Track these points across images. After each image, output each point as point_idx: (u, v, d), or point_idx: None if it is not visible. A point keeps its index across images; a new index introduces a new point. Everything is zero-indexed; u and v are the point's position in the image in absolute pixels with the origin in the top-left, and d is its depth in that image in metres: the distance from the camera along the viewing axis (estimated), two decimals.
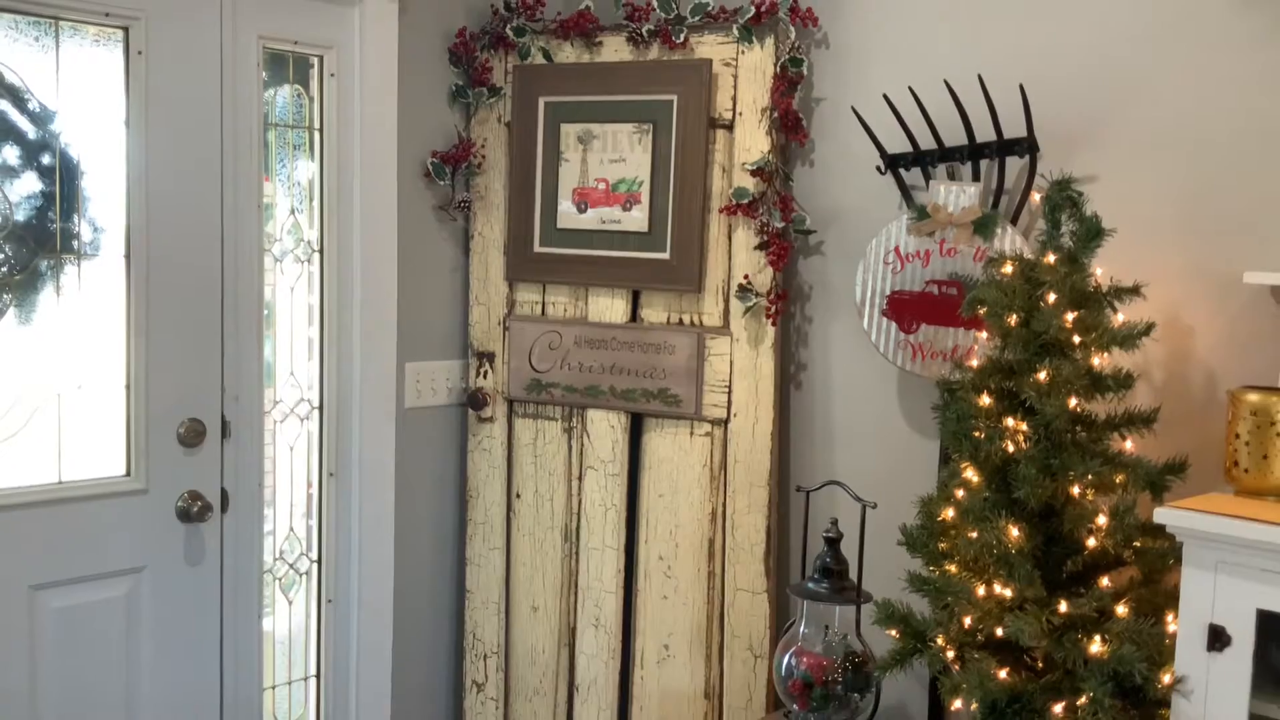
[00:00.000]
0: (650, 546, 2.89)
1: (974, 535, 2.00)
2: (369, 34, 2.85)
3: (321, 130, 2.85)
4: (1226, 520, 1.74)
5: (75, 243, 2.45)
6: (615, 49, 2.91)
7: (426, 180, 3.01)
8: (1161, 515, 1.81)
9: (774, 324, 2.72)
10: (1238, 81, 2.16)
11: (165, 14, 2.49)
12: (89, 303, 2.47)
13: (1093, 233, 2.01)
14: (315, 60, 2.83)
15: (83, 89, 2.42)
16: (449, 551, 3.15)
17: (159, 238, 2.53)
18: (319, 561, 2.93)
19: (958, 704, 1.95)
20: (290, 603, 2.91)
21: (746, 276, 2.73)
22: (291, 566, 2.90)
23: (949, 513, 2.08)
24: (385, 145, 2.92)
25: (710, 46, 2.78)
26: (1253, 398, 1.88)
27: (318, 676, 2.96)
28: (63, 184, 2.42)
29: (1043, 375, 1.97)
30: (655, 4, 2.82)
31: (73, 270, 2.45)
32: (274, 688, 2.88)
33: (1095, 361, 2.00)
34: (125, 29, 2.45)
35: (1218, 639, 1.76)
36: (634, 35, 2.86)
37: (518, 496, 3.06)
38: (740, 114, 2.75)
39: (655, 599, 2.89)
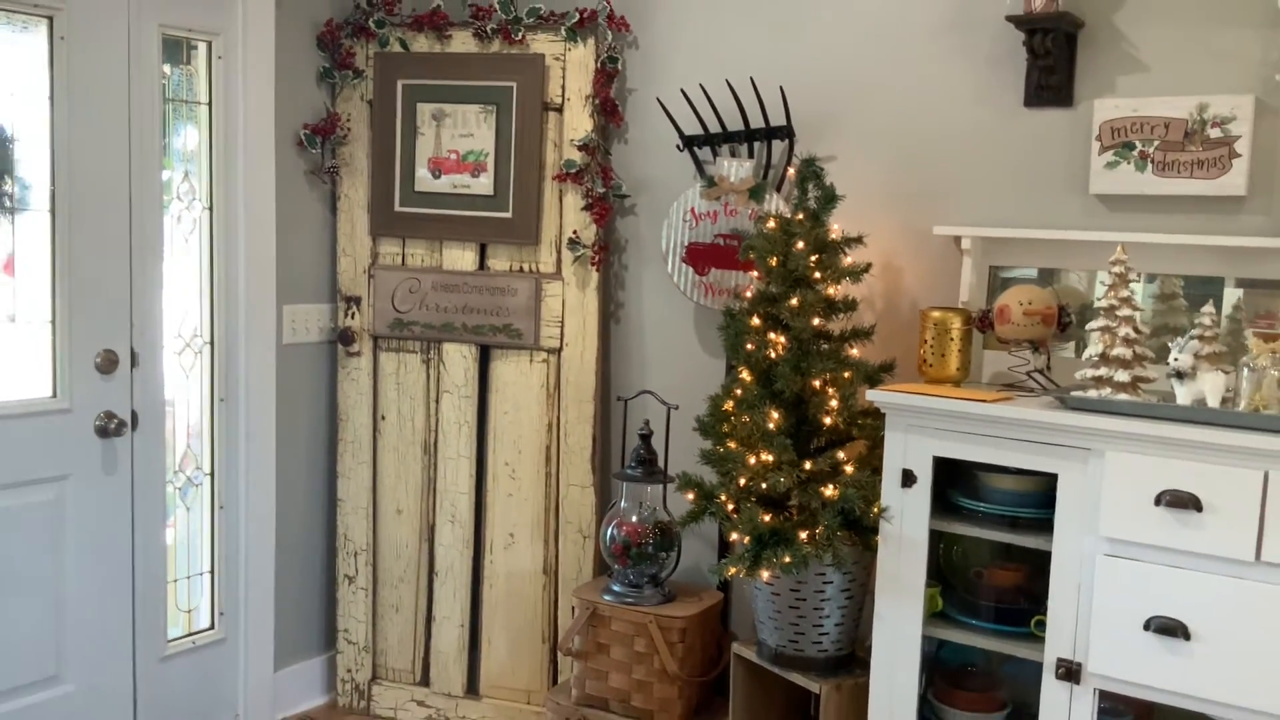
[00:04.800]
0: (498, 454, 3.52)
1: (746, 419, 2.72)
2: (250, 23, 3.34)
3: (210, 104, 3.32)
4: (911, 396, 2.51)
5: (7, 200, 2.87)
6: (462, 42, 3.49)
7: (299, 149, 3.52)
8: (871, 395, 2.57)
9: (598, 270, 3.38)
10: (933, 89, 2.93)
11: (82, 5, 2.92)
12: (19, 249, 2.90)
13: (829, 197, 2.75)
14: (204, 45, 3.29)
15: (12, 68, 2.84)
16: (322, 466, 3.69)
17: (77, 195, 2.97)
18: (212, 474, 3.43)
19: (735, 536, 2.67)
20: (188, 509, 3.40)
21: (575, 232, 3.38)
22: (189, 478, 3.39)
23: (730, 404, 2.79)
24: (264, 118, 3.41)
25: (543, 43, 3.40)
26: (935, 314, 2.66)
27: (212, 572, 3.46)
28: None
29: (795, 301, 2.70)
30: (497, 6, 3.41)
31: (6, 222, 2.88)
32: (175, 581, 3.37)
33: (831, 291, 2.74)
34: (50, 17, 2.88)
35: (908, 479, 2.54)
36: (479, 31, 3.45)
37: (383, 418, 3.63)
38: (568, 100, 3.38)
39: (502, 497, 3.52)
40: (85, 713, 3.09)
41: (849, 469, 2.67)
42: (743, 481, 2.71)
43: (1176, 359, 2.28)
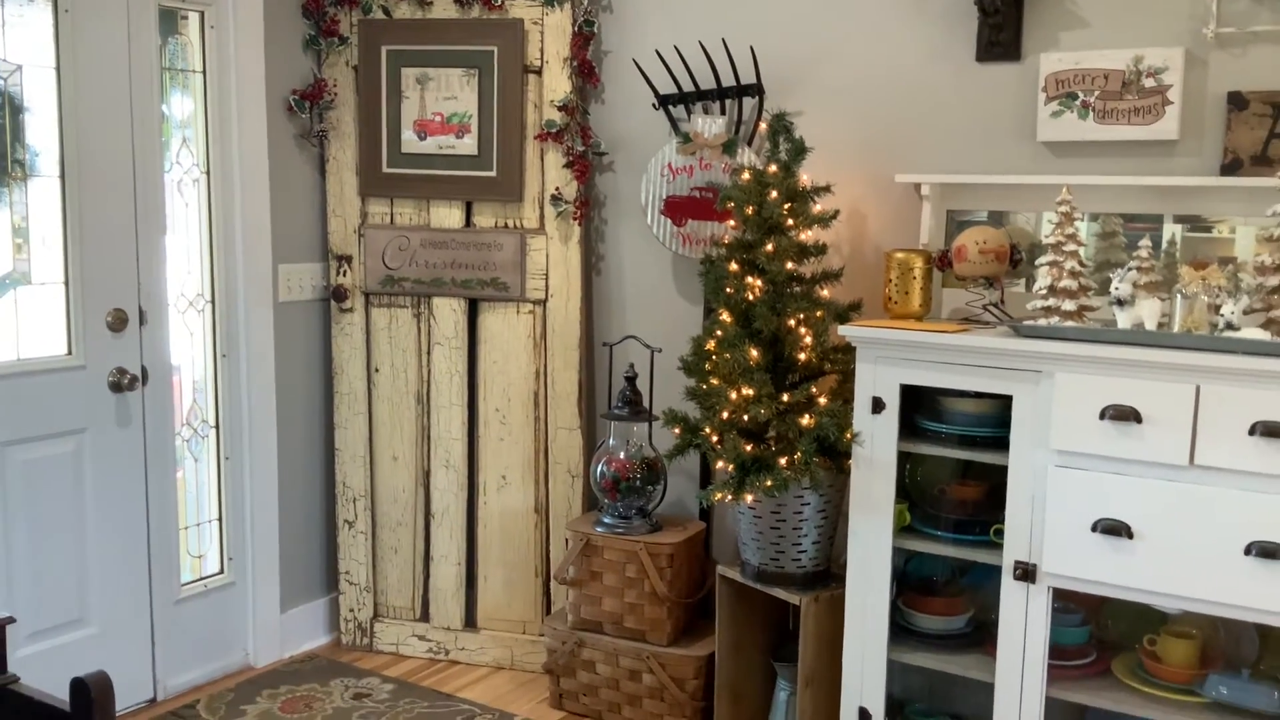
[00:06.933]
0: (488, 402, 3.72)
1: (728, 357, 2.93)
2: None
3: (205, 72, 3.46)
4: (879, 331, 2.74)
5: (20, 167, 3.01)
6: (444, 7, 3.64)
7: (289, 114, 3.67)
8: (843, 331, 2.80)
9: (579, 225, 3.58)
10: (891, 47, 3.15)
11: None
12: (33, 214, 3.04)
13: (799, 150, 2.97)
14: (197, 15, 3.43)
15: (22, 40, 2.97)
16: (320, 417, 3.87)
17: (84, 161, 3.11)
18: (217, 426, 3.60)
19: (720, 465, 2.90)
20: (196, 460, 3.57)
21: (557, 188, 3.57)
22: (195, 430, 3.56)
23: (712, 344, 3.01)
24: (255, 84, 3.55)
25: (521, 9, 3.57)
26: (899, 255, 2.89)
27: (220, 519, 3.64)
28: (11, 118, 2.97)
29: (770, 247, 2.91)
30: None
31: (20, 188, 3.02)
32: (186, 528, 3.54)
33: (802, 237, 2.96)
34: None
35: (878, 406, 2.77)
36: None
37: (376, 370, 3.81)
38: (547, 62, 3.56)
39: (493, 441, 3.72)
40: (108, 652, 3.26)
41: (823, 400, 2.90)
42: (725, 414, 2.94)
43: (1117, 288, 2.52)
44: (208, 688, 3.54)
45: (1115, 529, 2.46)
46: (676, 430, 3.04)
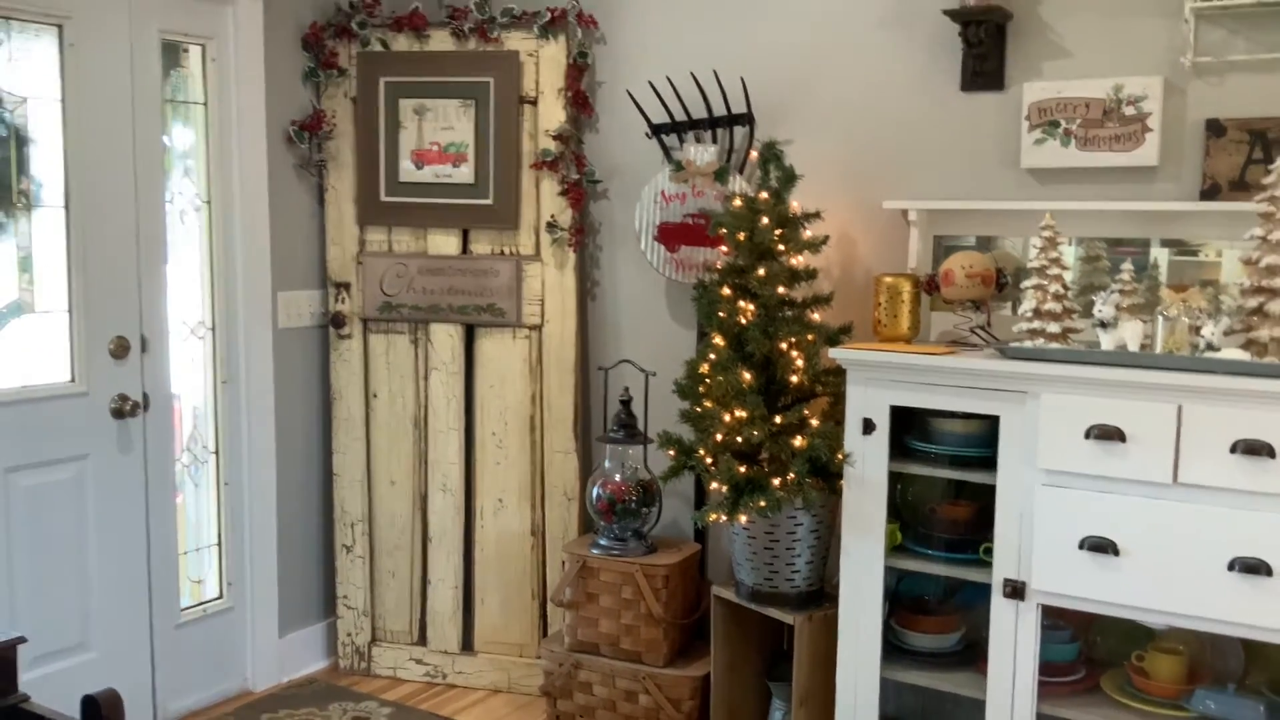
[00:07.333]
0: (485, 426, 3.76)
1: (721, 380, 2.99)
2: (240, 26, 3.55)
3: (206, 104, 3.53)
4: (870, 353, 2.80)
5: (25, 197, 3.07)
6: (441, 40, 3.72)
7: (288, 144, 3.73)
8: (834, 354, 2.86)
9: (575, 251, 3.64)
10: (879, 77, 3.22)
11: (89, 13, 3.12)
12: (37, 243, 3.10)
13: (790, 177, 3.03)
14: (199, 48, 3.50)
15: (28, 73, 3.03)
16: (319, 443, 3.91)
17: (88, 190, 3.17)
18: (217, 452, 3.64)
19: (714, 486, 2.95)
20: (196, 485, 3.61)
21: (553, 216, 3.63)
22: (195, 456, 3.60)
23: (705, 367, 3.06)
24: (255, 116, 3.62)
25: (517, 41, 3.64)
26: (887, 280, 2.96)
27: (219, 544, 3.67)
28: (16, 150, 3.03)
29: (761, 272, 2.98)
30: (473, 6, 3.65)
31: (25, 218, 3.07)
32: (185, 553, 3.58)
33: (793, 262, 3.02)
34: (60, 25, 3.07)
35: (868, 427, 2.83)
36: (456, 30, 3.68)
37: (374, 396, 3.86)
38: (542, 93, 3.63)
39: (490, 465, 3.77)
40: (109, 677, 3.28)
41: (814, 422, 2.95)
42: (719, 437, 2.99)
43: (1100, 310, 2.59)
44: (207, 712, 3.56)
45: (1102, 546, 2.51)
46: (671, 453, 3.09)
